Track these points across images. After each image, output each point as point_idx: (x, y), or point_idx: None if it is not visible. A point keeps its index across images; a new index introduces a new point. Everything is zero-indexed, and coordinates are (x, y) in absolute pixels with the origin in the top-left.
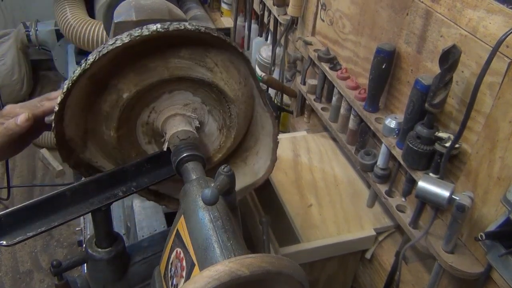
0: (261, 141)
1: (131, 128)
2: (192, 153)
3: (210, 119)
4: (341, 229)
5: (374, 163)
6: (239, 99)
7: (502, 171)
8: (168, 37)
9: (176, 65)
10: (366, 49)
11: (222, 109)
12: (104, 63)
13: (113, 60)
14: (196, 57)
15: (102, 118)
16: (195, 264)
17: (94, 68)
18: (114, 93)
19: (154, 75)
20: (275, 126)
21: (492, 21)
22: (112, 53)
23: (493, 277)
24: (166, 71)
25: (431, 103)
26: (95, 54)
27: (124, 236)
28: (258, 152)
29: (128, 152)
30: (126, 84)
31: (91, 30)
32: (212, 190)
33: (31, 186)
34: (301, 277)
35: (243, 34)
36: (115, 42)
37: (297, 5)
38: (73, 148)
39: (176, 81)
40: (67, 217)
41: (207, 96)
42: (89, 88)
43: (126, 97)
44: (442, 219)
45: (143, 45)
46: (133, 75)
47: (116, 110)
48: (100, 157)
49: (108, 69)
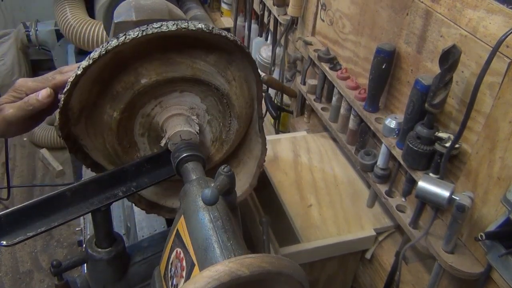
0: (244, 164)
1: (132, 116)
2: (192, 153)
3: (207, 129)
4: (341, 229)
5: (374, 163)
6: (242, 117)
7: (502, 171)
8: (198, 40)
9: (201, 67)
10: (366, 49)
11: (223, 122)
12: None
13: (143, 44)
14: (220, 66)
15: (110, 97)
16: (195, 264)
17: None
18: (132, 75)
19: (178, 70)
20: (263, 153)
21: (492, 21)
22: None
23: (493, 277)
24: (190, 70)
25: (431, 103)
26: (137, 32)
27: (124, 236)
28: (238, 174)
29: (120, 138)
30: (149, 70)
31: (91, 30)
32: (212, 190)
33: (31, 186)
34: (301, 277)
35: (243, 34)
36: (161, 27)
37: (297, 5)
38: (69, 118)
39: (193, 83)
40: (67, 217)
41: (213, 106)
42: (110, 63)
43: (144, 83)
44: (442, 219)
45: (175, 39)
46: (158, 64)
47: (128, 93)
48: (86, 135)
49: (135, 51)
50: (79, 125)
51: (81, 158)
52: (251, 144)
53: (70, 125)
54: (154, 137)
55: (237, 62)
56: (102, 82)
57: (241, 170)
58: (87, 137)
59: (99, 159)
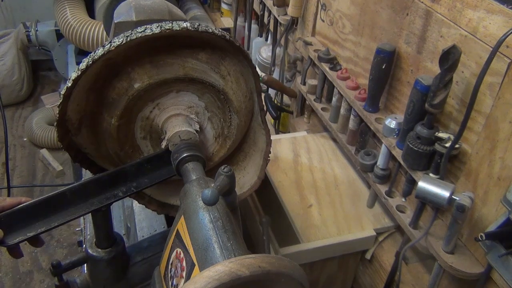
0: (250, 157)
1: (131, 120)
2: (192, 153)
3: (208, 126)
4: (341, 229)
5: (374, 164)
6: (242, 111)
7: (502, 172)
8: (190, 38)
9: (193, 66)
10: (366, 50)
11: (224, 118)
12: (123, 49)
13: (133, 48)
14: (213, 63)
15: (106, 104)
16: (195, 264)
17: (113, 52)
18: (125, 81)
19: (170, 71)
20: (268, 144)
21: (492, 22)
22: (135, 42)
23: (493, 277)
24: (182, 70)
25: (431, 103)
26: (122, 38)
27: (124, 236)
28: (245, 168)
29: (122, 143)
30: (140, 74)
31: (91, 30)
32: (212, 190)
33: (31, 186)
34: (301, 278)
35: (243, 35)
36: (145, 30)
37: (297, 6)
38: (69, 129)
39: (187, 82)
40: (67, 217)
41: (211, 102)
42: (101, 71)
43: (138, 87)
44: (442, 219)
45: (165, 40)
46: (150, 67)
47: (123, 99)
48: (89, 143)
49: (125, 56)
50: (80, 134)
51: (86, 166)
52: (255, 136)
53: (70, 135)
54: (157, 139)
55: (230, 57)
56: (97, 91)
57: (248, 163)
58: (90, 145)
59: (105, 165)
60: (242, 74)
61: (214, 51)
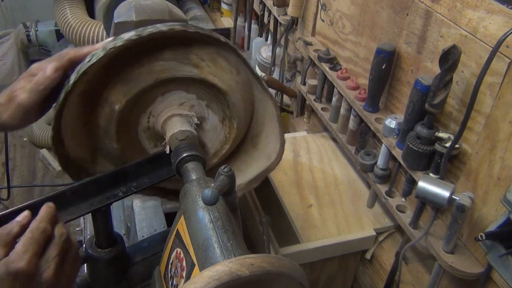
0: (267, 124)
1: (133, 136)
2: (192, 153)
3: (210, 113)
4: (341, 229)
5: (374, 164)
6: (233, 88)
7: (502, 171)
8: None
9: (160, 68)
10: (366, 49)
11: (219, 101)
12: (90, 78)
13: (100, 73)
14: (180, 56)
15: (101, 133)
16: (195, 264)
17: (82, 86)
18: (106, 106)
19: (139, 82)
20: (276, 108)
21: (492, 22)
22: (96, 68)
23: (493, 277)
24: (151, 76)
25: (431, 103)
26: (75, 74)
27: (124, 236)
28: (267, 136)
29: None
30: (116, 95)
31: (91, 31)
32: (212, 190)
33: (31, 186)
34: (301, 277)
35: (243, 35)
36: (91, 59)
37: (297, 6)
38: (82, 165)
39: (166, 83)
40: (67, 217)
41: (201, 91)
42: (83, 106)
43: (118, 108)
44: (442, 219)
45: (125, 53)
46: (120, 86)
47: (112, 123)
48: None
49: (97, 83)
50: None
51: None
52: (263, 103)
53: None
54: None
55: (198, 42)
56: (88, 123)
57: (267, 132)
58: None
59: None
60: (218, 53)
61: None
